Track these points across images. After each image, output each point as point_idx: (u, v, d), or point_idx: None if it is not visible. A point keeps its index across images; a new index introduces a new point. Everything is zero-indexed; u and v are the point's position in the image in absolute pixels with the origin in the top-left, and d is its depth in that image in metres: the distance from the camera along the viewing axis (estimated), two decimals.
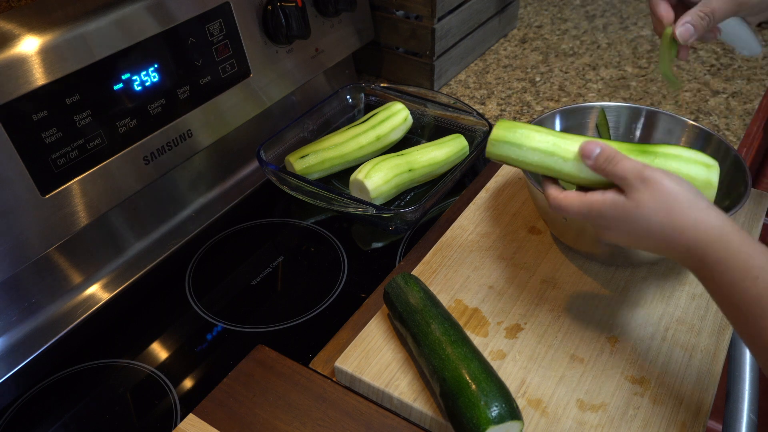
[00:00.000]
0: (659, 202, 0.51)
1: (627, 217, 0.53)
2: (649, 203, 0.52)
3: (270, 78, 0.88)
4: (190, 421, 0.59)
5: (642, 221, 0.52)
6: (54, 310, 0.70)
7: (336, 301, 0.75)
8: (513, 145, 0.59)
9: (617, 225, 0.54)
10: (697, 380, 0.60)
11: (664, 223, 0.51)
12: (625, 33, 1.27)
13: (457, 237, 0.77)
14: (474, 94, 1.10)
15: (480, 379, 0.54)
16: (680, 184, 0.52)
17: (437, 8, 1.01)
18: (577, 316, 0.67)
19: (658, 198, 0.51)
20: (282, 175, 0.83)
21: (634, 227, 0.53)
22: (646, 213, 0.52)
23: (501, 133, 0.59)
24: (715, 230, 0.50)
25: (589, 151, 0.56)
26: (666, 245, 0.53)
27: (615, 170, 0.54)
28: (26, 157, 0.61)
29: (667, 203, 0.51)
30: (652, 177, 0.52)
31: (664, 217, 0.51)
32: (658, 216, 0.51)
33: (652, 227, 0.52)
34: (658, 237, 0.52)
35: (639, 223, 0.53)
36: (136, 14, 0.68)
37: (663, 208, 0.51)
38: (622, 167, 0.53)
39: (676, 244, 0.52)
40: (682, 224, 0.51)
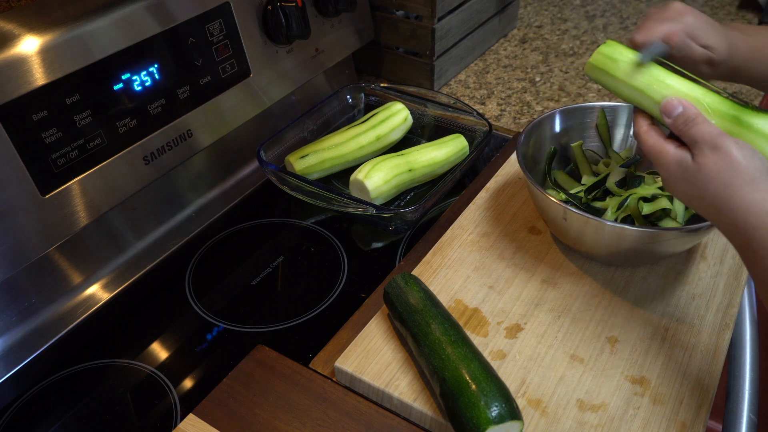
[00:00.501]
0: (721, 171, 0.51)
1: (687, 177, 0.53)
2: (711, 170, 0.51)
3: (270, 78, 0.88)
4: (190, 421, 0.59)
5: (699, 186, 0.52)
6: (54, 310, 0.70)
7: (336, 301, 0.75)
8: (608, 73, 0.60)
9: (676, 182, 0.55)
10: (697, 380, 0.60)
11: (718, 194, 0.51)
12: (625, 33, 1.27)
13: (457, 237, 0.77)
14: (474, 94, 1.10)
15: (480, 379, 0.54)
16: (751, 158, 0.51)
17: (437, 8, 1.01)
18: (577, 316, 0.67)
19: (721, 168, 0.51)
20: (282, 175, 0.83)
21: (690, 189, 0.53)
22: (705, 179, 0.52)
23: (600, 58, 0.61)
24: (766, 216, 0.49)
25: (670, 108, 0.56)
26: (716, 216, 0.52)
27: (690, 132, 0.54)
28: (26, 157, 0.61)
29: (728, 175, 0.51)
30: (723, 145, 0.51)
31: (721, 189, 0.51)
32: (715, 185, 0.51)
33: (706, 195, 0.52)
34: (710, 205, 0.52)
35: (696, 187, 0.53)
36: (136, 14, 0.68)
37: (722, 179, 0.51)
38: (697, 131, 0.53)
39: (725, 218, 0.51)
40: (736, 200, 0.50)
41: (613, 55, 0.60)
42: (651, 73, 0.59)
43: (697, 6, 1.36)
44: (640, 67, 0.59)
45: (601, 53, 0.61)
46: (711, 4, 1.36)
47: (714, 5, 1.36)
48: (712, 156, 0.52)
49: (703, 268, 0.72)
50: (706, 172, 0.52)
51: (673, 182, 0.55)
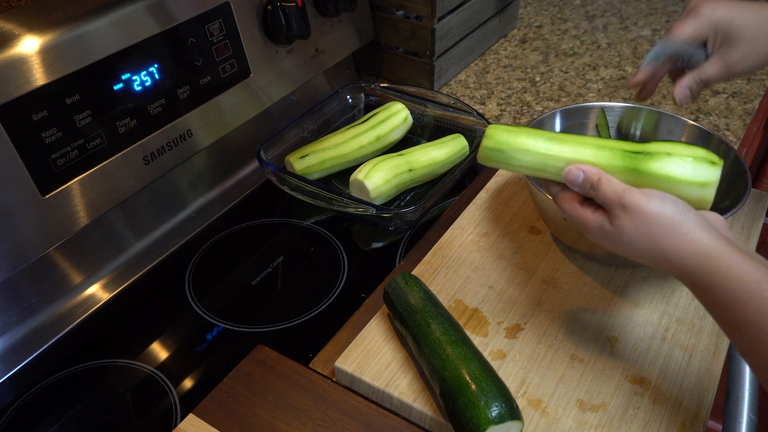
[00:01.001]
0: (640, 229, 0.51)
1: (612, 240, 0.53)
2: (630, 231, 0.51)
3: (270, 78, 0.88)
4: (190, 421, 0.59)
5: (627, 247, 0.52)
6: (54, 310, 0.70)
7: (336, 301, 0.75)
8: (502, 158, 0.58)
9: (606, 243, 0.54)
10: (697, 380, 0.60)
11: (648, 249, 0.51)
12: (625, 33, 1.28)
13: (457, 237, 0.77)
14: (474, 94, 1.10)
15: (480, 379, 0.54)
16: (663, 205, 0.51)
17: (437, 8, 1.01)
18: (577, 316, 0.67)
19: (639, 225, 0.51)
20: (282, 175, 0.83)
21: (621, 249, 0.53)
22: (629, 240, 0.52)
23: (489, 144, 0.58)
24: (701, 257, 0.49)
25: (572, 178, 0.55)
26: (658, 265, 0.53)
27: (597, 196, 0.54)
28: (26, 157, 0.61)
29: (650, 230, 0.51)
30: (632, 203, 0.51)
31: (648, 244, 0.51)
32: (641, 243, 0.51)
33: (637, 252, 0.52)
34: (647, 260, 0.53)
35: (625, 247, 0.53)
36: (136, 14, 0.68)
37: (646, 235, 0.51)
38: (603, 194, 0.53)
39: (664, 266, 0.52)
40: (665, 251, 0.50)
41: (497, 146, 0.58)
42: (539, 150, 0.57)
43: None
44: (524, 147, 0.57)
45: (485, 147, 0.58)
46: None
47: None
48: (625, 217, 0.51)
49: None
50: (628, 234, 0.51)
51: (604, 243, 0.54)
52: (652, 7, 1.37)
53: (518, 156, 0.57)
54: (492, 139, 0.58)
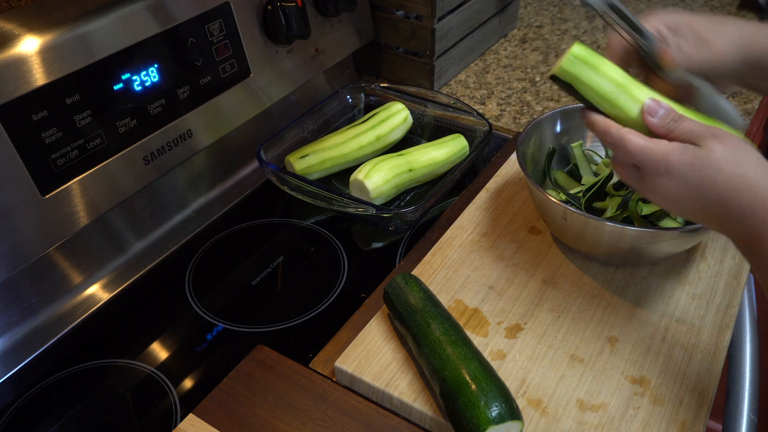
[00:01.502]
0: (734, 153, 0.49)
1: (695, 166, 0.50)
2: (721, 153, 0.49)
3: (270, 78, 0.88)
4: (190, 421, 0.59)
5: (708, 175, 0.49)
6: (54, 310, 0.70)
7: (336, 301, 0.75)
8: (590, 68, 0.57)
9: (679, 173, 0.50)
10: (697, 380, 0.60)
11: (731, 179, 0.48)
12: None
13: (457, 237, 0.77)
14: (474, 94, 1.10)
15: (480, 379, 0.54)
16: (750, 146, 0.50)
17: (437, 8, 1.01)
18: (577, 316, 0.67)
19: (732, 150, 0.49)
20: (282, 175, 0.83)
21: (697, 180, 0.50)
22: (716, 162, 0.49)
23: (582, 52, 0.57)
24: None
25: (654, 108, 0.54)
26: (722, 209, 0.50)
27: (682, 127, 0.52)
28: (26, 157, 0.61)
29: (740, 157, 0.49)
30: (723, 133, 0.50)
31: (734, 167, 0.48)
32: (727, 170, 0.49)
33: (716, 183, 0.49)
34: (719, 195, 0.49)
35: (704, 177, 0.49)
36: (136, 14, 0.68)
37: (734, 161, 0.48)
38: (687, 125, 0.51)
39: (736, 203, 0.49)
40: (750, 179, 0.48)
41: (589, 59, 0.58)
42: (618, 78, 0.57)
43: (696, 6, 1.36)
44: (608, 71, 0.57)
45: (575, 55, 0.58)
46: (711, 4, 1.36)
47: (714, 5, 1.36)
48: (717, 142, 0.49)
49: (703, 268, 0.72)
50: (717, 156, 0.49)
51: (675, 175, 0.51)
52: (652, 8, 1.37)
53: (601, 76, 0.57)
54: (584, 50, 0.57)
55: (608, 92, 0.57)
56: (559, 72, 0.58)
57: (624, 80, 0.57)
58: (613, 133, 0.55)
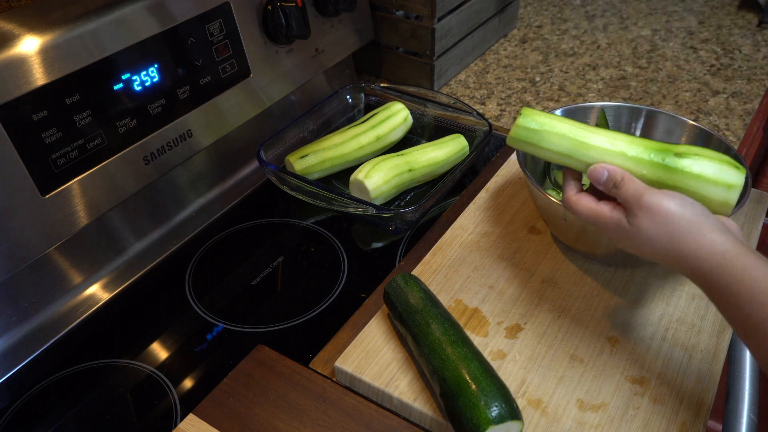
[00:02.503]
0: (658, 228, 0.53)
1: (629, 238, 0.55)
2: (648, 230, 0.53)
3: (270, 78, 0.88)
4: (190, 421, 0.59)
5: (644, 245, 0.54)
6: (54, 310, 0.70)
7: (336, 301, 0.75)
8: (535, 139, 0.60)
9: (621, 241, 0.56)
10: (697, 380, 0.60)
11: (665, 248, 0.53)
12: (625, 33, 1.28)
13: (457, 237, 0.77)
14: (474, 94, 1.10)
15: (480, 379, 0.54)
16: (683, 206, 0.52)
17: (437, 8, 1.01)
18: (577, 316, 0.67)
19: (657, 224, 0.53)
20: (282, 175, 0.83)
21: (637, 248, 0.55)
22: (646, 238, 0.53)
23: (525, 122, 0.59)
24: (717, 256, 0.50)
25: (597, 175, 0.57)
26: (671, 264, 0.54)
27: (618, 194, 0.56)
28: (26, 157, 0.61)
29: (666, 229, 0.52)
30: (652, 203, 0.53)
31: (666, 243, 0.53)
32: (659, 241, 0.53)
33: (654, 251, 0.54)
34: (663, 259, 0.54)
35: (641, 246, 0.54)
36: (136, 14, 0.68)
37: (663, 234, 0.52)
38: (624, 192, 0.55)
39: (678, 266, 0.53)
40: (682, 251, 0.52)
41: (533, 126, 0.60)
42: (574, 136, 0.59)
43: (696, 6, 1.36)
44: (560, 131, 0.60)
45: (520, 126, 0.60)
46: (711, 4, 1.36)
47: (714, 5, 1.36)
48: (644, 217, 0.53)
49: None
50: (644, 232, 0.53)
51: (619, 241, 0.57)
52: (652, 7, 1.37)
53: (552, 139, 0.59)
54: (528, 118, 0.60)
55: (560, 155, 0.60)
56: (510, 144, 0.62)
57: (575, 141, 0.59)
58: (564, 195, 0.60)
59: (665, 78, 1.12)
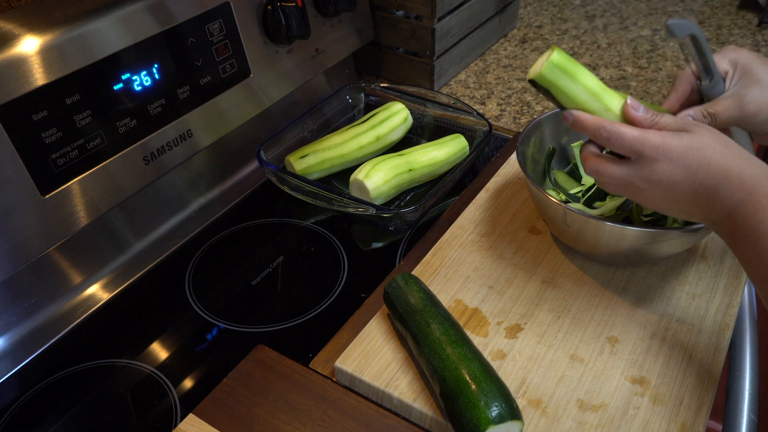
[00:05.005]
0: (719, 138, 0.51)
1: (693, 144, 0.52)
2: (711, 136, 0.51)
3: (270, 78, 0.88)
4: (190, 421, 0.59)
5: (707, 149, 0.51)
6: (54, 310, 0.70)
7: (336, 301, 0.75)
8: (568, 76, 0.59)
9: (678, 156, 0.53)
10: (697, 380, 0.60)
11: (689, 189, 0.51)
12: (625, 33, 1.28)
13: (457, 237, 0.77)
14: (474, 94, 1.10)
15: (480, 379, 0.54)
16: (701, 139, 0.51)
17: (437, 8, 1.01)
18: (577, 316, 0.67)
19: (718, 135, 0.51)
20: (282, 175, 0.83)
21: (697, 158, 0.52)
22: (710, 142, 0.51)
23: (561, 60, 0.58)
24: (744, 192, 0.49)
25: (635, 104, 0.57)
26: (694, 212, 0.53)
27: (666, 119, 0.54)
28: (26, 157, 0.61)
29: (724, 141, 0.51)
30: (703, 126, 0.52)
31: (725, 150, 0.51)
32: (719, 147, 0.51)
33: (714, 159, 0.51)
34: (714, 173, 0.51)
35: (704, 151, 0.52)
36: (136, 14, 0.68)
37: (723, 143, 0.51)
38: (672, 118, 0.54)
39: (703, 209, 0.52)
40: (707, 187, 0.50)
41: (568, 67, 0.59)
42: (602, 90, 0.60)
43: (696, 6, 1.36)
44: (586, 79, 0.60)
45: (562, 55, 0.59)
46: (711, 4, 1.36)
47: (714, 5, 1.36)
48: (705, 130, 0.52)
49: (703, 268, 0.72)
50: (710, 140, 0.51)
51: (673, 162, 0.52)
52: (652, 7, 1.37)
53: (578, 84, 0.59)
54: (563, 58, 0.58)
55: (585, 100, 0.59)
56: (538, 77, 0.60)
57: (600, 90, 0.60)
58: (606, 127, 0.56)
59: (665, 78, 1.12)
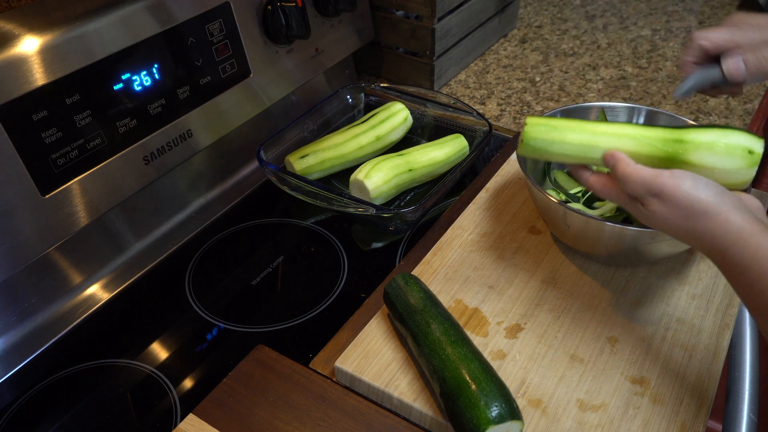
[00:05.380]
0: (673, 212, 0.54)
1: (649, 221, 0.57)
2: (663, 214, 0.55)
3: (270, 78, 0.88)
4: (190, 421, 0.59)
5: (663, 226, 0.56)
6: (54, 310, 0.70)
7: (336, 301, 0.75)
8: (544, 151, 0.62)
9: (648, 221, 0.57)
10: (697, 380, 0.60)
11: (682, 228, 0.54)
12: (625, 33, 1.28)
13: (457, 237, 0.77)
14: (474, 94, 1.10)
15: (480, 379, 0.54)
16: (695, 189, 0.53)
17: (437, 8, 1.01)
18: (577, 316, 0.67)
19: (672, 209, 0.54)
20: (282, 175, 0.83)
21: (657, 227, 0.57)
22: (663, 221, 0.55)
23: (534, 136, 0.61)
24: (733, 235, 0.51)
25: (609, 160, 0.59)
26: (690, 243, 0.56)
27: (627, 189, 0.57)
28: (26, 157, 0.61)
29: (681, 213, 0.54)
30: (662, 188, 0.54)
31: (682, 224, 0.54)
32: (675, 223, 0.54)
33: (671, 231, 0.56)
34: (681, 237, 0.56)
35: (660, 226, 0.56)
36: (136, 14, 0.68)
37: (678, 219, 0.54)
38: (632, 185, 0.56)
39: (697, 245, 0.55)
40: (699, 231, 0.53)
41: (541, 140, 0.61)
42: (579, 142, 0.61)
43: (696, 6, 1.36)
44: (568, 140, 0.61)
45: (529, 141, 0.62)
46: (711, 4, 1.36)
47: (714, 5, 1.36)
48: (657, 203, 0.55)
49: (703, 268, 0.72)
50: (661, 216, 0.55)
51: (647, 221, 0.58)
52: (652, 7, 1.37)
53: (560, 150, 0.61)
54: (535, 132, 0.61)
55: (572, 158, 0.62)
56: (521, 153, 0.63)
57: (583, 146, 0.61)
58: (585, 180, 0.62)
59: (665, 78, 1.12)
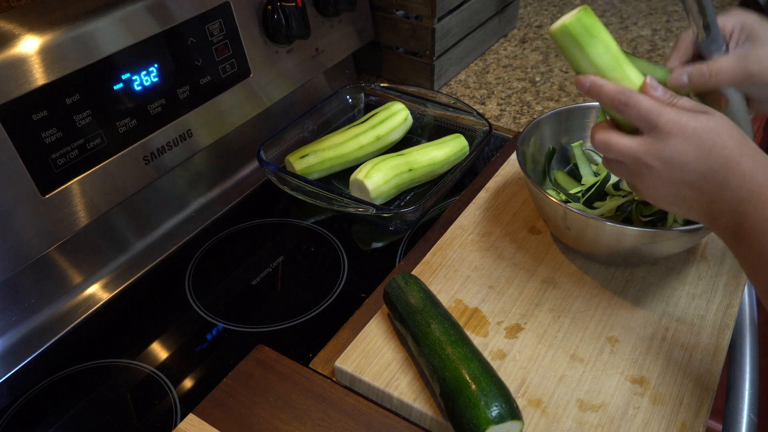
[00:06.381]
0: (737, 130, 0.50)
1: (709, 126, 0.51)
2: (730, 124, 0.51)
3: (270, 78, 0.88)
4: (190, 421, 0.59)
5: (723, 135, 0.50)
6: (54, 310, 0.70)
7: (336, 301, 0.75)
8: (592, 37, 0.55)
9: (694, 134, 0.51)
10: (697, 380, 0.60)
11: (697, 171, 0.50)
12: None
13: (457, 237, 0.77)
14: (474, 94, 1.10)
15: (480, 379, 0.54)
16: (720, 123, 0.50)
17: (437, 8, 1.01)
18: (577, 316, 0.67)
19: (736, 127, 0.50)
20: (282, 175, 0.83)
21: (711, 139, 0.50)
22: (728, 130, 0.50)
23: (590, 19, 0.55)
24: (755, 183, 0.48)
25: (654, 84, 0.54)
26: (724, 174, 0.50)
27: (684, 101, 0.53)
28: (26, 157, 0.61)
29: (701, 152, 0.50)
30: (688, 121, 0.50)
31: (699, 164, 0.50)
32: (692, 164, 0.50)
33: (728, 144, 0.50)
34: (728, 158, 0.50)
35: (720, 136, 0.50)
36: (136, 14, 0.68)
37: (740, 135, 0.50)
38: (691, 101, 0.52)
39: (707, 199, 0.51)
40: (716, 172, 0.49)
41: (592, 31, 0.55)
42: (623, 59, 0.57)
43: None
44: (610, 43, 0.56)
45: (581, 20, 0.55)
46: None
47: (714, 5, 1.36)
48: (725, 118, 0.51)
49: (703, 268, 0.72)
50: (728, 127, 0.50)
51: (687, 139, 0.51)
52: (652, 7, 1.37)
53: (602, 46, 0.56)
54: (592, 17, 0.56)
55: (605, 66, 0.56)
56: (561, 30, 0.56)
57: (622, 58, 0.57)
58: (626, 92, 0.54)
59: None
